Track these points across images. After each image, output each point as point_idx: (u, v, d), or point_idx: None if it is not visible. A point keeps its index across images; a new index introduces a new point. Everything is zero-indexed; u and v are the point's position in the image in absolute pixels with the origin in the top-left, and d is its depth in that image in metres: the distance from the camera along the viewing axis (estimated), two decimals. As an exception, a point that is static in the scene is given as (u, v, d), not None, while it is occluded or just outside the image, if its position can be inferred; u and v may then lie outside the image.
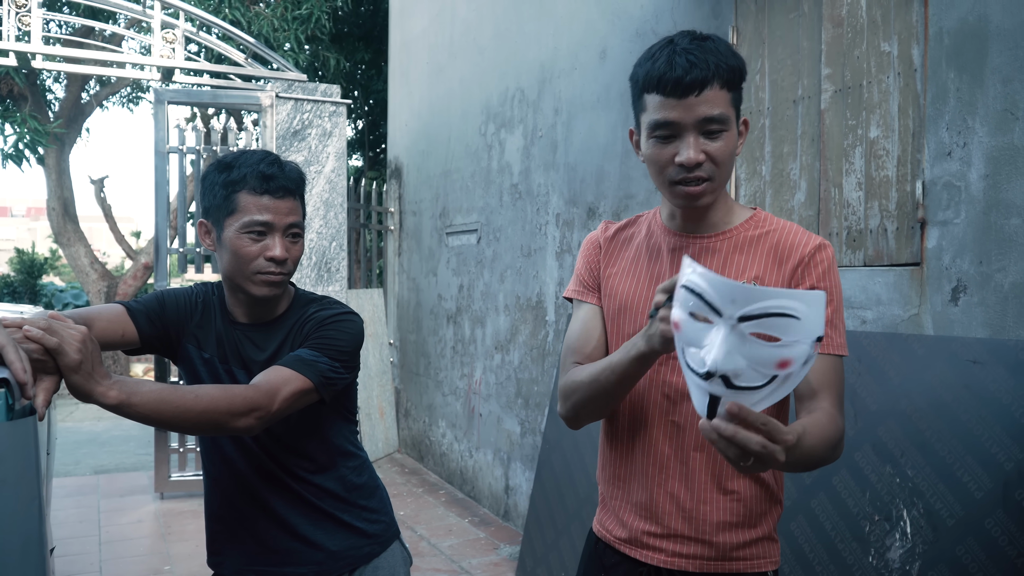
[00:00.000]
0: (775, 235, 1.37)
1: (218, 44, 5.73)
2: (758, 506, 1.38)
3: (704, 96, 1.25)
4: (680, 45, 1.27)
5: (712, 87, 1.25)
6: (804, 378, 1.28)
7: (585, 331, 1.49)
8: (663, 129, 1.28)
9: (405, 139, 7.33)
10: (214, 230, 1.60)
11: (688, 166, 1.27)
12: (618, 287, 1.45)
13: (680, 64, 1.24)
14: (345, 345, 1.56)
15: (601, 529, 1.51)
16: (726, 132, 1.28)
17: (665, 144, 1.29)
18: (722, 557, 1.36)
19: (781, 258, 1.35)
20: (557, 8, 4.60)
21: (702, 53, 1.25)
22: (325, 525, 1.64)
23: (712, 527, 1.36)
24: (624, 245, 1.50)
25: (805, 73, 2.81)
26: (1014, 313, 2.10)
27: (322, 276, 5.73)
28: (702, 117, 1.26)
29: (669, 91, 1.25)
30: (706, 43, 1.27)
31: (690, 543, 1.37)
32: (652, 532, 1.39)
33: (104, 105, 12.47)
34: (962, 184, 2.24)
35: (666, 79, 1.25)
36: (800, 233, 1.37)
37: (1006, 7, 2.14)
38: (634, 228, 1.51)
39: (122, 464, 6.90)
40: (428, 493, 5.73)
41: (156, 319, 1.61)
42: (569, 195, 4.38)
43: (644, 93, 1.30)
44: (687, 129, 1.26)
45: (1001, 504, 1.93)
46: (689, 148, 1.26)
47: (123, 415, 1.25)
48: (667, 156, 1.29)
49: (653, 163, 1.32)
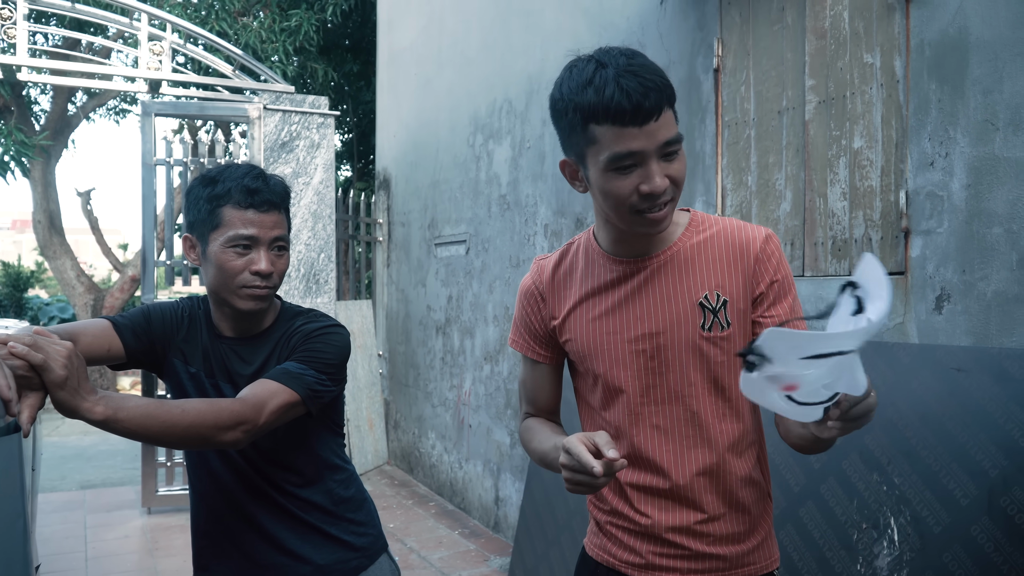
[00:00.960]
0: (719, 237, 1.35)
1: (205, 56, 5.73)
2: (757, 508, 1.40)
3: (661, 120, 1.19)
4: (619, 67, 1.18)
5: (666, 109, 1.19)
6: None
7: (535, 390, 1.52)
8: (626, 160, 1.20)
9: (393, 150, 7.34)
10: (199, 245, 1.60)
11: (657, 194, 1.21)
12: (576, 329, 1.40)
13: (635, 89, 1.16)
14: (332, 358, 1.56)
15: (600, 552, 1.47)
16: (680, 151, 1.24)
17: (626, 175, 1.21)
18: (734, 566, 1.37)
19: (734, 260, 1.33)
20: (544, 20, 4.62)
21: (647, 72, 1.18)
22: (312, 539, 1.63)
23: (721, 540, 1.36)
24: (565, 282, 1.44)
25: (789, 84, 2.83)
26: (997, 321, 2.12)
27: (310, 288, 5.72)
28: (663, 142, 1.20)
29: (628, 120, 1.17)
30: (639, 59, 1.20)
31: (702, 559, 1.36)
32: (661, 552, 1.38)
33: (90, 117, 12.43)
34: (945, 194, 2.27)
35: (621, 109, 1.16)
36: (744, 228, 1.36)
37: (985, 19, 2.17)
38: (570, 259, 1.45)
39: (109, 479, 6.85)
40: (418, 505, 5.71)
41: (142, 334, 1.60)
42: (557, 205, 4.40)
43: (591, 124, 1.20)
44: (649, 156, 1.20)
45: (987, 511, 1.95)
46: (655, 176, 1.20)
47: (109, 431, 1.25)
48: (629, 187, 1.22)
49: (611, 196, 1.24)
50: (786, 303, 1.33)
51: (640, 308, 1.34)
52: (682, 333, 1.32)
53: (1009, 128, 2.10)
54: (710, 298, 1.31)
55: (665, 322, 1.33)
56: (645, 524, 1.38)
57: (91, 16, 5.52)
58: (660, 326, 1.33)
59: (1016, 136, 2.08)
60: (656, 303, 1.34)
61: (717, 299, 1.31)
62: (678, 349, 1.32)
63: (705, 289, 1.32)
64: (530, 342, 1.48)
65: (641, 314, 1.34)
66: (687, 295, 1.32)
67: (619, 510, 1.42)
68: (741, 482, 1.37)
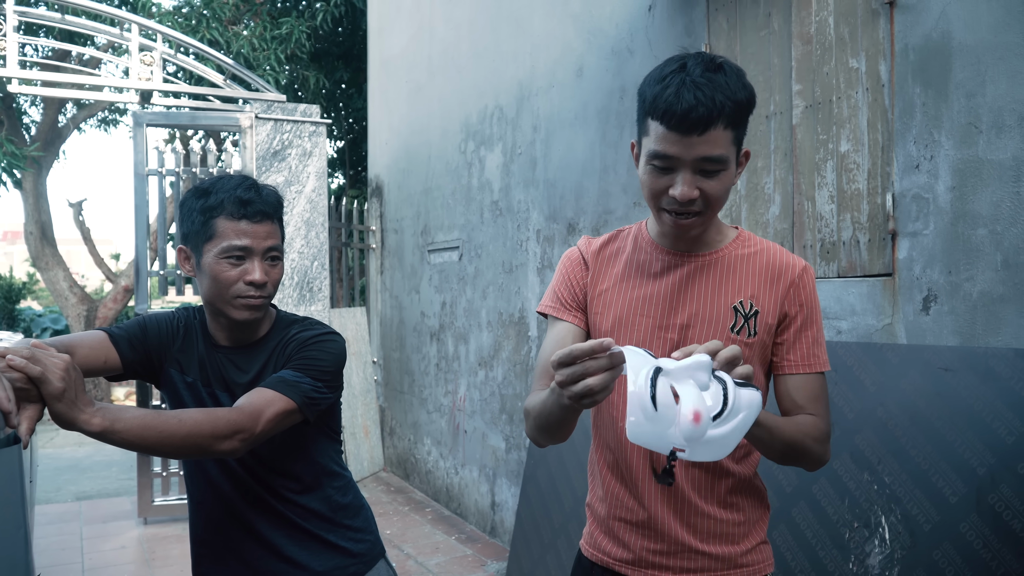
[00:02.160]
0: (763, 255, 1.42)
1: (196, 66, 5.74)
2: (754, 513, 1.42)
3: (706, 136, 1.23)
4: (692, 75, 1.23)
5: (716, 127, 1.23)
6: (790, 396, 1.38)
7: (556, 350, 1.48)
8: (660, 160, 1.27)
9: (385, 157, 7.35)
10: (193, 256, 1.61)
11: (681, 201, 1.28)
12: (611, 304, 1.44)
13: (687, 99, 1.21)
14: (328, 365, 1.58)
15: (595, 552, 1.49)
16: (723, 171, 1.28)
17: (661, 174, 1.28)
18: (728, 567, 1.39)
19: (773, 278, 1.39)
20: (534, 27, 4.65)
21: (711, 89, 1.22)
22: (310, 546, 1.65)
23: (716, 539, 1.38)
24: (611, 261, 1.48)
25: (777, 89, 2.87)
26: (982, 321, 2.15)
27: (304, 296, 5.73)
28: (701, 156, 1.25)
29: (673, 125, 1.23)
30: (717, 76, 1.24)
31: (697, 557, 1.38)
32: (657, 550, 1.40)
33: (81, 128, 12.42)
34: (930, 196, 2.30)
35: (671, 112, 1.22)
36: (786, 254, 1.43)
37: (968, 24, 2.20)
38: (618, 243, 1.50)
39: (104, 490, 6.83)
40: (414, 511, 5.72)
41: (138, 344, 1.62)
42: (549, 211, 4.42)
43: (648, 117, 1.28)
44: (684, 165, 1.26)
45: (975, 509, 1.97)
46: (683, 184, 1.26)
47: (107, 442, 1.26)
48: (661, 186, 1.29)
49: (647, 188, 1.32)
50: (810, 334, 1.39)
51: (676, 299, 1.39)
52: (711, 330, 1.37)
53: (992, 131, 2.13)
54: (744, 304, 1.37)
55: (698, 316, 1.38)
56: (641, 514, 1.40)
57: (81, 27, 5.53)
58: (692, 319, 1.38)
59: (999, 138, 2.11)
60: (693, 297, 1.39)
61: (750, 307, 1.37)
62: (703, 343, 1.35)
63: (741, 296, 1.38)
64: (566, 302, 1.49)
65: (677, 304, 1.39)
66: (724, 297, 1.38)
67: (619, 497, 1.43)
68: (739, 485, 1.40)
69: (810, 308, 1.40)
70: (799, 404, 1.37)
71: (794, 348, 1.38)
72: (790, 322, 1.39)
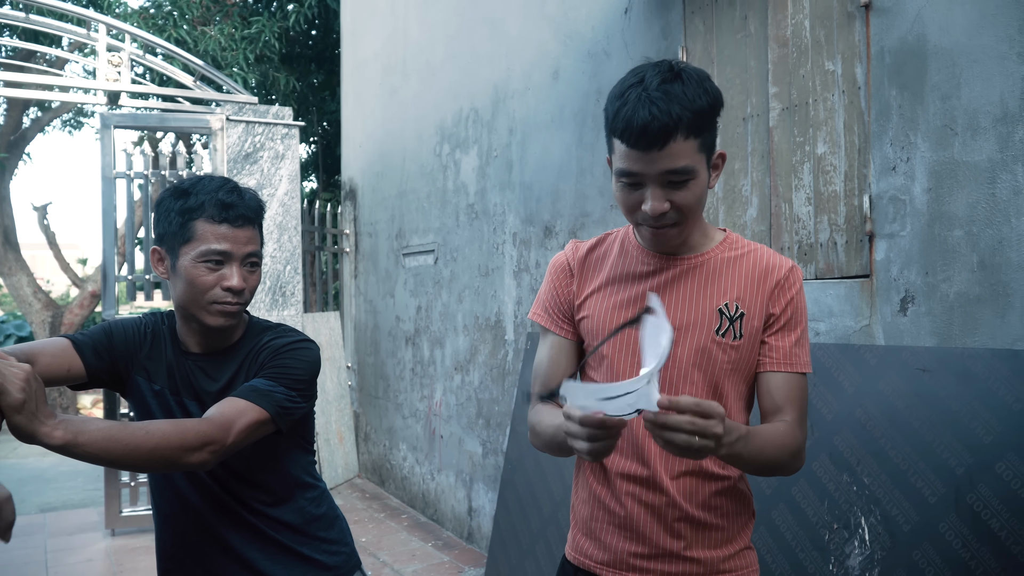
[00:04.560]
0: (750, 257, 1.42)
1: (165, 67, 5.65)
2: (739, 518, 1.41)
3: (667, 150, 1.22)
4: (648, 88, 1.21)
5: (675, 140, 1.21)
6: (770, 394, 1.37)
7: (552, 367, 1.49)
8: (627, 178, 1.27)
9: (359, 160, 7.29)
10: (168, 258, 1.56)
11: (653, 216, 1.28)
12: (597, 308, 1.44)
13: (642, 116, 1.20)
14: (302, 374, 1.54)
15: (578, 556, 1.47)
16: (692, 181, 1.27)
17: (631, 190, 1.29)
18: (710, 572, 1.37)
19: (760, 280, 1.39)
20: (509, 29, 4.63)
21: (666, 102, 1.20)
22: (283, 559, 1.60)
23: (699, 543, 1.37)
24: (598, 265, 1.48)
25: (753, 91, 2.87)
26: (959, 322, 2.16)
27: (277, 300, 5.66)
28: (665, 170, 1.24)
29: (632, 143, 1.22)
30: (673, 86, 1.22)
31: (678, 562, 1.36)
32: (638, 553, 1.38)
33: (46, 130, 12.19)
34: (907, 198, 2.30)
35: (628, 130, 1.22)
36: (774, 256, 1.43)
37: (943, 27, 2.21)
38: (605, 247, 1.50)
39: (70, 501, 6.68)
40: (390, 518, 5.66)
41: (103, 351, 1.56)
42: (525, 214, 4.40)
43: (612, 135, 1.28)
44: (650, 180, 1.26)
45: (954, 509, 1.98)
46: (652, 199, 1.26)
47: (69, 455, 1.21)
48: (633, 201, 1.29)
49: (620, 204, 1.33)
50: (793, 335, 1.39)
51: (673, 296, 1.39)
52: (696, 333, 1.36)
53: (967, 133, 2.14)
54: (729, 307, 1.37)
55: (683, 319, 1.37)
56: (623, 516, 1.39)
57: (47, 27, 5.42)
58: (677, 322, 1.37)
59: (974, 141, 2.12)
60: (678, 300, 1.38)
61: (735, 309, 1.37)
62: (688, 347, 1.36)
63: (727, 298, 1.37)
64: (554, 314, 1.50)
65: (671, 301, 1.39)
66: (709, 300, 1.37)
67: (602, 499, 1.42)
68: (725, 489, 1.39)
69: (795, 309, 1.39)
70: (777, 404, 1.36)
71: (776, 347, 1.37)
72: (775, 321, 1.38)
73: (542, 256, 4.22)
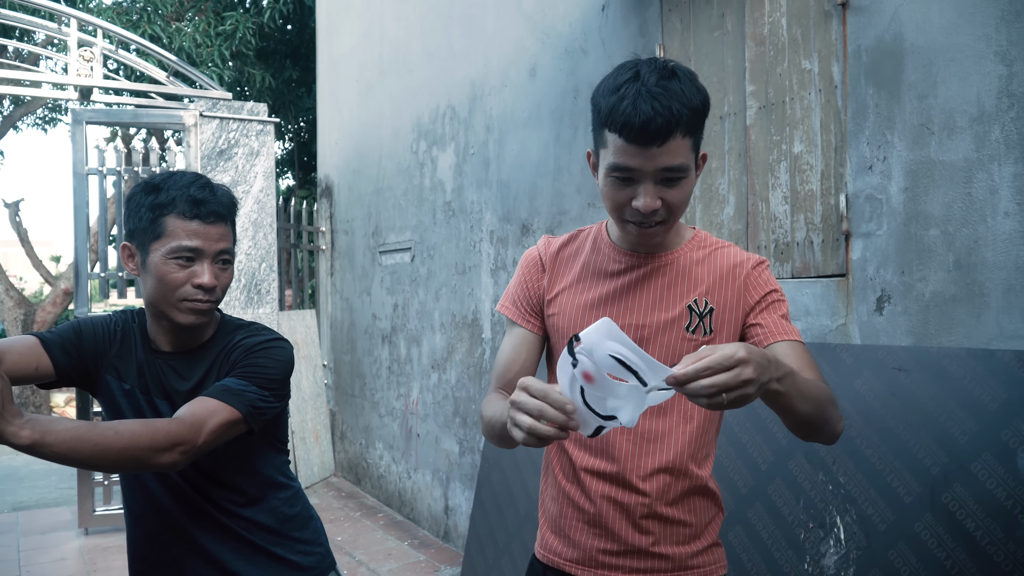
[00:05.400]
0: (719, 254, 1.42)
1: (138, 62, 5.56)
2: (706, 514, 1.42)
3: (666, 147, 1.22)
4: (647, 84, 1.21)
5: (675, 137, 1.22)
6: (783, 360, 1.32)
7: (512, 356, 1.48)
8: (621, 172, 1.25)
9: (335, 157, 7.23)
10: (138, 254, 1.53)
11: (645, 213, 1.27)
12: (567, 305, 1.44)
13: (644, 111, 1.19)
14: (275, 373, 1.51)
15: (547, 553, 1.48)
16: (684, 180, 1.27)
17: (623, 186, 1.27)
18: (678, 568, 1.38)
19: (729, 275, 1.40)
20: (486, 26, 4.61)
21: (667, 99, 1.20)
22: (257, 560, 1.57)
23: (667, 540, 1.37)
24: (569, 262, 1.48)
25: (731, 90, 2.87)
26: (935, 321, 2.17)
27: (252, 298, 5.59)
28: (662, 167, 1.23)
29: (632, 138, 1.21)
30: (672, 83, 1.22)
31: (646, 558, 1.37)
32: (607, 550, 1.39)
33: (18, 127, 11.98)
34: (883, 197, 2.31)
35: (629, 125, 1.20)
36: (741, 252, 1.43)
37: (919, 26, 2.22)
38: (577, 243, 1.50)
39: (43, 500, 6.57)
40: (366, 517, 5.62)
41: (72, 350, 1.53)
42: (503, 212, 4.38)
43: (605, 129, 1.26)
44: (646, 177, 1.25)
45: (929, 508, 1.99)
46: (646, 196, 1.25)
47: (37, 455, 1.18)
48: (624, 198, 1.28)
49: (608, 199, 1.31)
50: (779, 312, 1.38)
51: (632, 300, 1.39)
52: (666, 330, 1.36)
53: (944, 132, 2.15)
54: (699, 303, 1.37)
55: (652, 317, 1.37)
56: (592, 513, 1.39)
57: (17, 21, 5.32)
58: (647, 319, 1.37)
59: (950, 140, 2.14)
60: (648, 298, 1.38)
61: (705, 305, 1.37)
62: (658, 344, 1.36)
63: (695, 294, 1.38)
64: (521, 307, 1.49)
65: (632, 305, 1.39)
66: (678, 297, 1.38)
67: (571, 495, 1.42)
68: (695, 488, 1.39)
69: (772, 290, 1.40)
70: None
71: (767, 322, 1.36)
72: (755, 305, 1.38)
73: (519, 254, 4.20)
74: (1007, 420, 1.90)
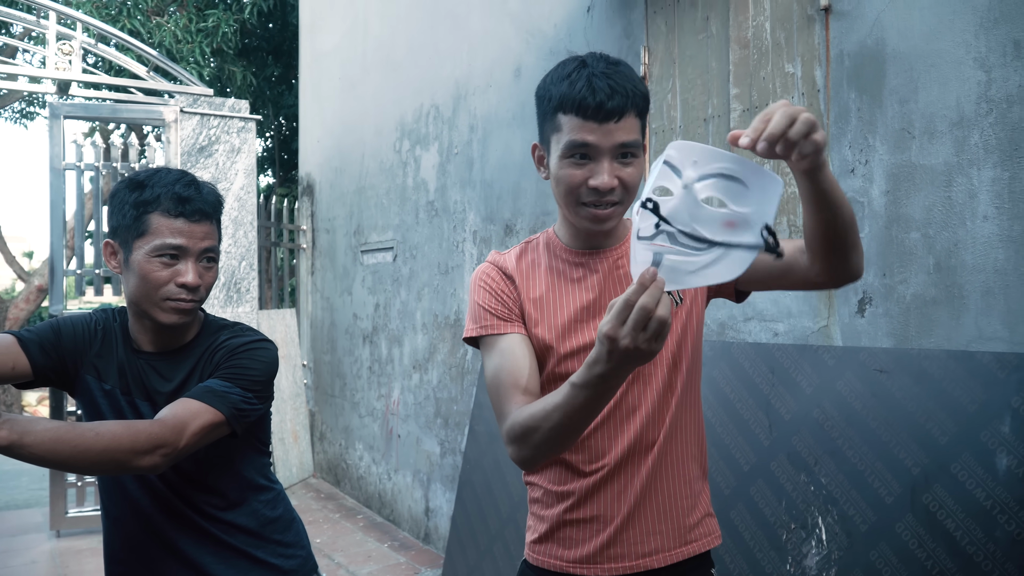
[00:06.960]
0: None
1: (118, 56, 5.50)
2: (697, 484, 1.45)
3: (622, 123, 1.27)
4: (596, 68, 1.28)
5: (629, 114, 1.28)
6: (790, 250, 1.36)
7: (518, 363, 1.35)
8: (580, 150, 1.28)
9: (317, 155, 7.19)
10: (121, 251, 1.51)
11: (602, 190, 1.29)
12: (548, 315, 1.40)
13: (602, 89, 1.25)
14: (258, 375, 1.49)
15: (545, 558, 1.45)
16: (637, 159, 1.32)
17: (580, 166, 1.30)
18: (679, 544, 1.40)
19: None
20: (472, 25, 4.60)
21: (620, 79, 1.27)
22: (238, 564, 1.56)
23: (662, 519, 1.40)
24: (532, 271, 1.45)
25: (715, 92, 2.88)
26: (916, 323, 2.19)
27: (231, 297, 5.55)
28: (619, 143, 1.28)
29: (590, 115, 1.26)
30: (620, 68, 1.30)
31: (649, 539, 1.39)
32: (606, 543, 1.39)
33: (-7, 120, 11.81)
34: (865, 200, 2.33)
35: (587, 103, 1.26)
36: None
37: (901, 32, 2.24)
38: (531, 255, 1.47)
39: (13, 501, 6.48)
40: (345, 518, 5.59)
41: (51, 349, 1.50)
42: (486, 212, 4.37)
43: (559, 113, 1.30)
44: (603, 153, 1.28)
45: (911, 509, 2.00)
46: (604, 173, 1.28)
47: (14, 457, 1.16)
48: (580, 178, 1.30)
49: (564, 183, 1.32)
50: None
51: (605, 297, 1.40)
52: None
53: (924, 136, 2.17)
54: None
55: None
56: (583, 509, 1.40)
57: (-8, 13, 5.24)
58: None
59: (931, 144, 2.16)
60: (619, 291, 1.39)
61: None
62: None
63: None
64: (504, 316, 1.39)
65: (607, 302, 1.38)
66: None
67: (561, 495, 1.42)
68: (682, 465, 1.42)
69: None
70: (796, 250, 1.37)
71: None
72: None
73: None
74: (986, 421, 1.92)
